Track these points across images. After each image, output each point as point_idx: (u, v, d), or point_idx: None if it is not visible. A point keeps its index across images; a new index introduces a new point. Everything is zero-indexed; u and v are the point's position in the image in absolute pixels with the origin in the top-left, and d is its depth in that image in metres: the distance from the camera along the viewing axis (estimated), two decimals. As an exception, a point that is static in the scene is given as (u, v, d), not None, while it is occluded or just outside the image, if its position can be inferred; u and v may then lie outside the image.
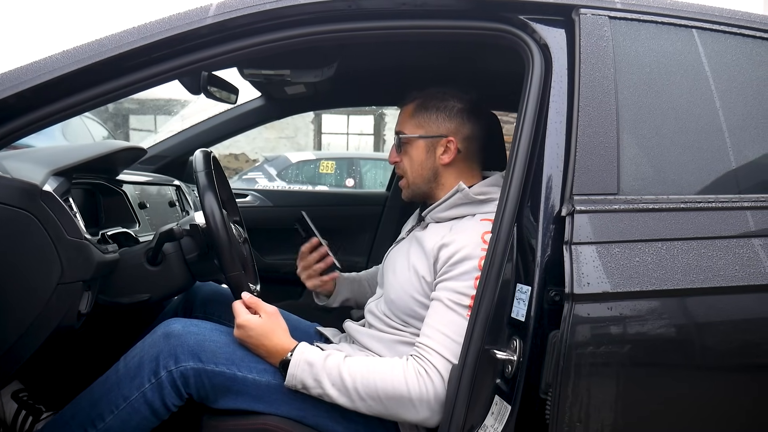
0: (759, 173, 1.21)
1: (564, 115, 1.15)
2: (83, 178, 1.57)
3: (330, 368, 1.24)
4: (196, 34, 1.16)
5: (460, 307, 1.25)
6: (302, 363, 1.25)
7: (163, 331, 1.31)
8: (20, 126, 1.13)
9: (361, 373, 1.23)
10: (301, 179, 8.38)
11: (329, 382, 1.23)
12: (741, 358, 1.10)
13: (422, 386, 1.20)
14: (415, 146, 1.46)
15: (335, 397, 1.23)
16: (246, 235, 1.73)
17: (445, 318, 1.25)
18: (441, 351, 1.22)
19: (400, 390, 1.21)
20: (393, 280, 1.45)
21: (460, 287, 1.26)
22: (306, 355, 1.26)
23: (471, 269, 1.26)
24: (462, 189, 1.39)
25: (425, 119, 1.46)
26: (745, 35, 1.25)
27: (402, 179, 1.52)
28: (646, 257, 1.06)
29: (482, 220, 1.35)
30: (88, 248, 1.20)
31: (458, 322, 1.23)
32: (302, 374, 1.25)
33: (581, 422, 1.03)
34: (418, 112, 1.47)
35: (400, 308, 1.40)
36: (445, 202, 1.42)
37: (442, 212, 1.43)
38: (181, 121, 9.35)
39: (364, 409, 1.24)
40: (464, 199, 1.39)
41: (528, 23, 1.21)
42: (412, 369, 1.22)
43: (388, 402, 1.22)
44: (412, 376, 1.21)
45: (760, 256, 1.09)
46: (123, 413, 1.26)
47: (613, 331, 1.03)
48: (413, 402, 1.21)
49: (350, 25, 1.22)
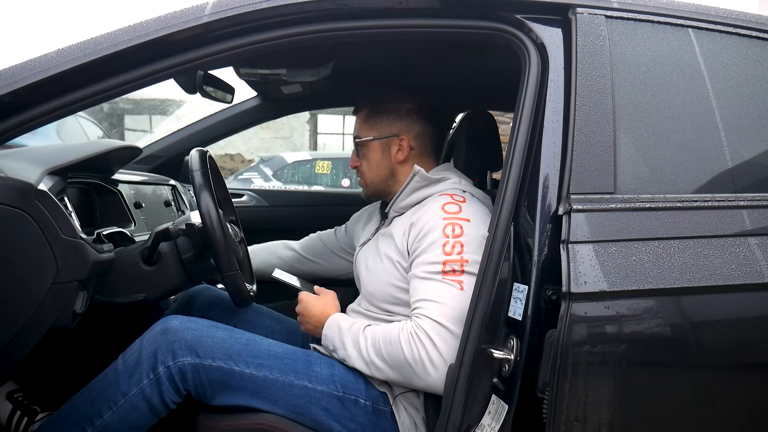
0: (755, 172, 1.21)
1: (561, 114, 1.15)
2: (78, 178, 1.56)
3: (354, 331, 1.35)
4: (192, 33, 1.16)
5: (434, 274, 1.30)
6: (334, 326, 1.39)
7: (160, 327, 1.31)
8: (15, 125, 1.12)
9: (372, 336, 1.32)
10: (297, 179, 8.37)
11: (351, 343, 1.34)
12: (737, 357, 1.10)
13: (414, 349, 1.24)
14: (370, 148, 1.55)
15: (354, 359, 1.33)
16: (242, 235, 1.73)
17: (425, 287, 1.30)
18: (429, 314, 1.26)
19: (398, 352, 1.26)
20: (367, 275, 1.50)
21: (429, 258, 1.31)
22: (338, 320, 1.40)
23: (436, 238, 1.32)
24: (417, 171, 1.45)
25: (377, 122, 1.54)
26: (741, 35, 1.25)
27: (360, 179, 1.61)
28: (643, 256, 1.06)
29: (440, 195, 1.41)
30: (83, 248, 1.20)
31: (437, 287, 1.28)
32: (332, 335, 1.37)
33: (578, 421, 1.03)
34: (370, 116, 1.56)
35: (381, 299, 1.44)
36: (404, 190, 1.48)
37: (402, 201, 1.49)
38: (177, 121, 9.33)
39: (378, 374, 1.31)
40: (422, 181, 1.46)
41: (525, 22, 1.21)
42: (405, 331, 1.27)
43: (392, 363, 1.28)
44: (405, 338, 1.26)
45: (756, 254, 1.09)
46: (121, 410, 1.26)
47: (609, 329, 1.03)
48: (410, 364, 1.25)
49: (346, 24, 1.22)
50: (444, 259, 1.29)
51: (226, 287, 1.46)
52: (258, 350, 1.34)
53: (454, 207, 1.36)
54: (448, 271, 1.29)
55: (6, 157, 1.25)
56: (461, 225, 1.32)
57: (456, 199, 1.38)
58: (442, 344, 1.23)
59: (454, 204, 1.36)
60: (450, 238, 1.31)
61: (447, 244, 1.30)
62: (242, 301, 1.49)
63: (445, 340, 1.23)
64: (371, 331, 1.33)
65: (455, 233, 1.31)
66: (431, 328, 1.24)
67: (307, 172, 8.51)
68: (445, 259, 1.29)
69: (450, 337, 1.23)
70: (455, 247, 1.30)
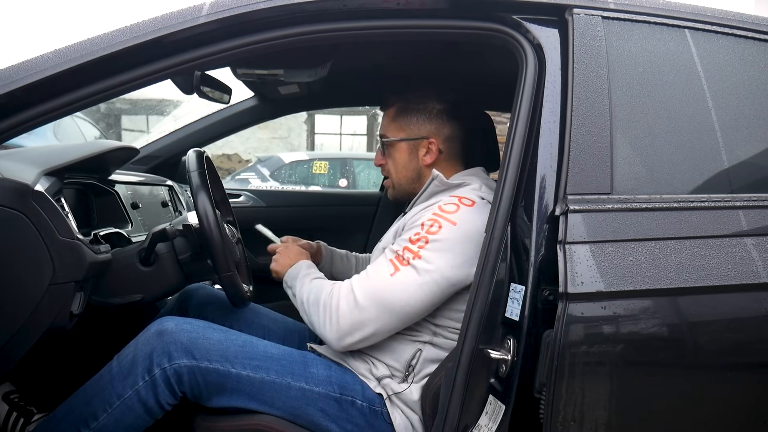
0: (751, 173, 1.21)
1: (557, 115, 1.15)
2: (75, 178, 1.56)
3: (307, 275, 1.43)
4: (190, 33, 1.16)
5: (390, 252, 1.33)
6: (296, 267, 1.47)
7: (156, 329, 1.30)
8: (11, 125, 1.12)
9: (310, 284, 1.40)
10: (295, 180, 8.37)
11: (299, 285, 1.41)
12: (734, 357, 1.10)
13: (330, 296, 1.32)
14: (398, 149, 1.51)
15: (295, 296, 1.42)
16: (239, 236, 1.73)
17: (376, 261, 1.36)
18: (353, 280, 1.33)
19: (318, 294, 1.35)
20: None
21: (398, 242, 1.35)
22: (305, 264, 1.48)
23: (414, 227, 1.34)
24: (436, 176, 1.43)
25: (406, 122, 1.50)
26: (737, 35, 1.25)
27: (387, 179, 1.58)
28: (640, 256, 1.06)
29: (451, 197, 1.39)
30: (80, 248, 1.20)
31: (379, 262, 1.33)
32: (293, 274, 1.45)
33: (575, 421, 1.03)
34: (399, 116, 1.51)
35: None
36: (423, 193, 1.46)
37: (420, 203, 1.46)
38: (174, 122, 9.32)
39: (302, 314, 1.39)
40: (440, 186, 1.44)
41: (521, 23, 1.21)
42: (337, 285, 1.35)
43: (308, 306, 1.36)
44: (328, 287, 1.35)
45: (753, 255, 1.09)
46: (117, 411, 1.26)
47: (606, 330, 1.03)
48: (319, 307, 1.33)
49: (343, 24, 1.22)
50: (404, 246, 1.31)
51: (224, 288, 1.46)
52: (254, 352, 1.33)
53: (452, 207, 1.34)
54: (399, 255, 1.30)
55: (2, 158, 1.25)
56: (443, 225, 1.31)
57: (462, 201, 1.35)
58: (344, 307, 1.29)
59: (454, 204, 1.34)
60: (423, 231, 1.31)
61: (417, 235, 1.31)
62: (239, 301, 1.49)
63: (349, 306, 1.28)
64: (315, 281, 1.40)
65: (431, 230, 1.31)
66: (346, 290, 1.31)
67: (305, 173, 8.51)
68: (405, 245, 1.31)
69: (354, 308, 1.28)
70: (420, 241, 1.30)
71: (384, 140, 1.54)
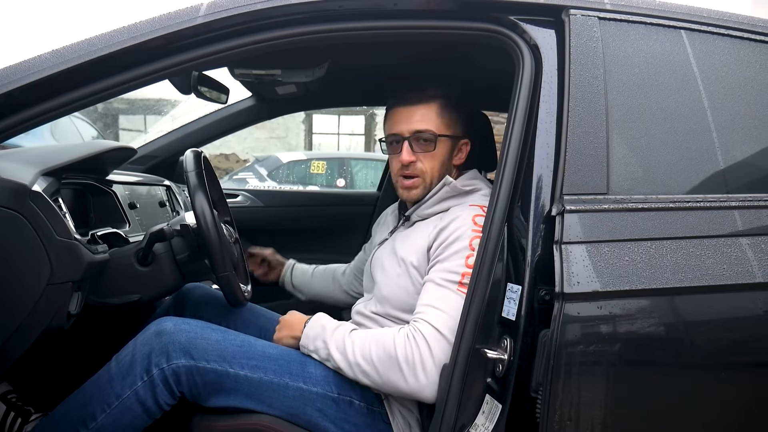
0: (746, 173, 1.22)
1: (554, 115, 1.16)
2: (73, 178, 1.56)
3: (338, 334, 1.32)
4: (187, 34, 1.16)
5: (450, 283, 1.28)
6: (317, 325, 1.36)
7: (154, 329, 1.31)
8: (9, 126, 1.12)
9: (360, 338, 1.30)
10: (292, 179, 8.37)
11: (334, 346, 1.31)
12: (729, 356, 1.11)
13: (408, 348, 1.23)
14: (441, 146, 1.45)
15: (337, 361, 1.30)
16: (237, 236, 1.73)
17: (437, 294, 1.28)
18: (431, 321, 1.24)
19: (390, 351, 1.24)
20: (383, 277, 1.46)
21: (450, 266, 1.29)
22: (322, 320, 1.37)
23: (461, 248, 1.30)
24: (449, 182, 1.42)
25: (452, 120, 1.47)
26: (733, 36, 1.26)
27: (414, 179, 1.46)
28: (636, 256, 1.06)
29: (471, 206, 1.38)
30: (77, 248, 1.20)
31: (449, 297, 1.26)
32: (314, 334, 1.35)
33: (571, 420, 1.03)
34: (445, 111, 1.46)
35: (393, 304, 1.41)
36: (432, 197, 1.44)
37: (428, 208, 1.45)
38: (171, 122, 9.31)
39: (361, 376, 1.28)
40: (451, 192, 1.42)
41: (518, 24, 1.21)
42: (402, 333, 1.26)
43: (379, 365, 1.25)
44: (401, 339, 1.25)
45: (748, 255, 1.10)
46: (115, 412, 1.26)
47: (602, 329, 1.04)
48: (401, 365, 1.23)
49: (341, 25, 1.22)
50: (463, 271, 1.27)
51: (221, 288, 1.46)
52: (253, 352, 1.34)
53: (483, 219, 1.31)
54: (465, 282, 1.26)
55: (0, 158, 1.25)
56: None
57: (485, 212, 1.32)
58: (437, 351, 1.22)
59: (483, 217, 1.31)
60: (475, 252, 1.27)
61: (470, 257, 1.28)
62: (237, 301, 1.49)
63: (441, 348, 1.22)
64: (359, 334, 1.31)
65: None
66: (430, 333, 1.23)
67: (303, 172, 8.51)
68: (465, 271, 1.27)
69: (447, 347, 1.22)
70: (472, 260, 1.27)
71: (426, 136, 1.42)
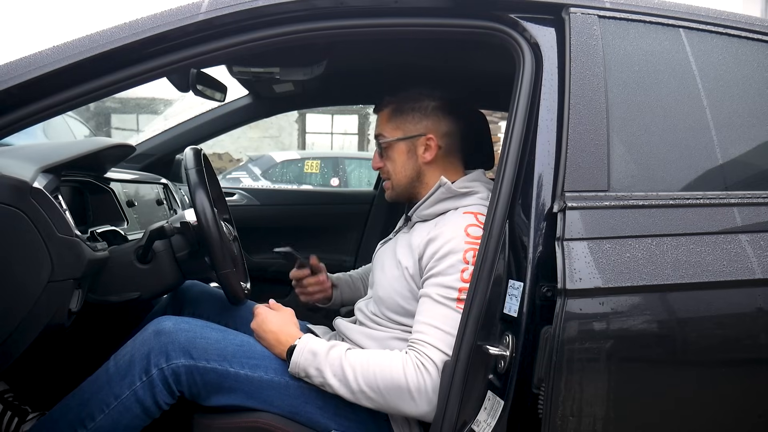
0: (745, 170, 1.23)
1: (555, 113, 1.16)
2: (71, 176, 1.55)
3: (332, 359, 1.26)
4: (189, 31, 1.16)
5: (449, 300, 1.26)
6: (306, 352, 1.28)
7: (153, 328, 1.30)
8: (8, 122, 1.11)
9: (361, 365, 1.24)
10: (287, 179, 8.36)
11: (331, 373, 1.25)
12: (729, 352, 1.11)
13: (420, 378, 1.21)
14: (396, 149, 1.48)
15: (336, 388, 1.25)
16: (236, 233, 1.73)
17: (437, 312, 1.26)
18: (437, 344, 1.23)
19: (399, 382, 1.21)
20: (382, 277, 1.46)
21: (447, 281, 1.27)
22: (310, 345, 1.29)
23: (456, 262, 1.27)
24: (444, 183, 1.41)
25: (402, 121, 1.47)
26: (731, 35, 1.27)
27: (386, 181, 1.52)
28: (637, 253, 1.07)
29: (465, 213, 1.36)
30: (78, 246, 1.19)
31: (450, 315, 1.24)
32: (305, 363, 1.27)
33: (574, 416, 1.04)
34: (394, 116, 1.48)
35: (389, 306, 1.41)
36: (428, 198, 1.44)
37: (426, 209, 1.44)
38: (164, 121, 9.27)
39: (364, 401, 1.24)
40: (447, 193, 1.41)
41: (519, 22, 1.22)
42: (411, 361, 1.23)
43: (387, 394, 1.22)
44: (411, 368, 1.22)
45: (747, 251, 1.11)
46: (114, 412, 1.25)
47: (604, 325, 1.04)
48: (412, 394, 1.21)
49: (341, 22, 1.22)
50: (460, 286, 1.25)
51: (221, 285, 1.46)
52: (252, 351, 1.33)
53: (478, 230, 1.29)
54: (462, 298, 1.24)
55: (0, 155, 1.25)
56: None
57: (480, 220, 1.32)
58: (435, 372, 1.21)
59: (479, 227, 1.30)
60: (470, 265, 1.25)
61: (465, 271, 1.26)
62: (237, 299, 1.49)
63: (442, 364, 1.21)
64: (358, 359, 1.26)
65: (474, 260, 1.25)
66: (440, 359, 1.21)
67: (297, 172, 8.50)
68: (462, 286, 1.25)
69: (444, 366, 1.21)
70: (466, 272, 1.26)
71: (381, 141, 1.49)
